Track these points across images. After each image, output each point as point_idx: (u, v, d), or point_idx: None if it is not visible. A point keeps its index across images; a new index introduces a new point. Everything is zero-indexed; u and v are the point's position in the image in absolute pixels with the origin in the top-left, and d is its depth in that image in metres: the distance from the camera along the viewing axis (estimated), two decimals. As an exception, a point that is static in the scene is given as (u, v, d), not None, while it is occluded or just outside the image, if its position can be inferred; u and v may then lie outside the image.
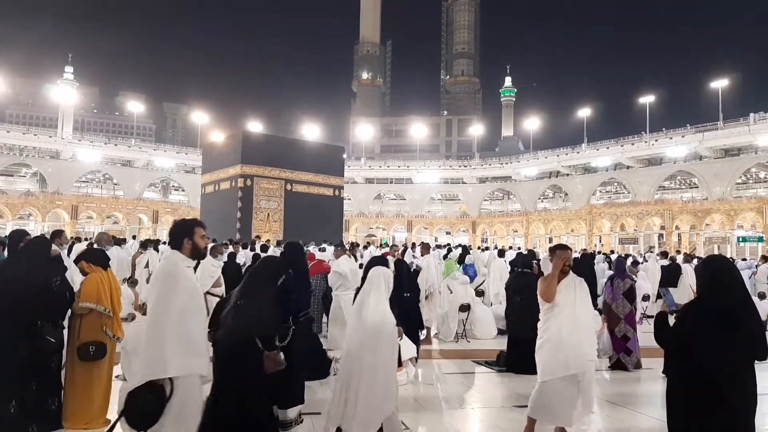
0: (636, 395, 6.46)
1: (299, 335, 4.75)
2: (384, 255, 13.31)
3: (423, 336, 8.97)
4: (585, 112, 59.18)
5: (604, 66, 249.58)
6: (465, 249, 18.77)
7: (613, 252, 22.59)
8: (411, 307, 7.36)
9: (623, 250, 42.09)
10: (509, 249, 23.66)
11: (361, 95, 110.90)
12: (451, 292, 9.87)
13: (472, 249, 21.21)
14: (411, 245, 22.45)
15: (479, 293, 11.35)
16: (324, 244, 16.39)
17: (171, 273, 3.11)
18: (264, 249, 14.67)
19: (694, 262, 13.25)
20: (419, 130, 70.43)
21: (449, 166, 67.27)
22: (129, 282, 9.34)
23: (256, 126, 61.78)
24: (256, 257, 11.32)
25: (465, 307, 9.52)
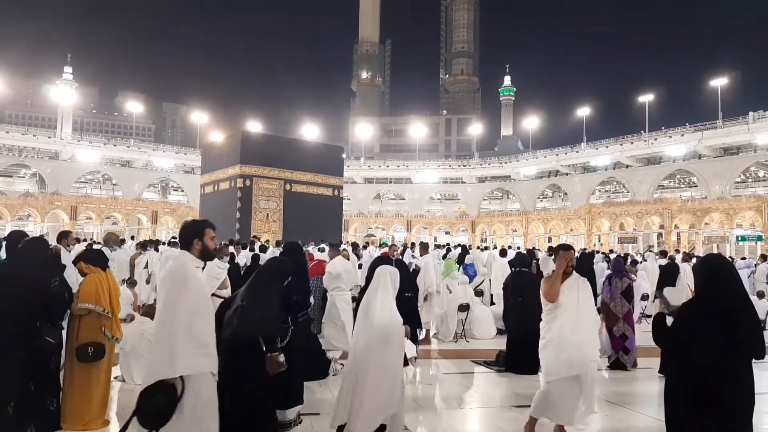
0: (634, 394, 6.47)
1: (298, 336, 4.75)
2: (383, 255, 13.33)
3: (422, 336, 8.98)
4: (584, 111, 59.20)
5: (603, 65, 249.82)
6: (464, 249, 18.78)
7: (612, 251, 22.58)
8: (411, 307, 7.37)
9: (622, 249, 42.12)
10: (509, 248, 23.64)
11: (361, 95, 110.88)
12: (450, 292, 9.88)
13: (471, 249, 21.21)
14: (410, 245, 22.44)
15: (478, 293, 11.35)
16: (323, 244, 16.36)
17: (181, 274, 3.12)
18: (263, 249, 14.65)
19: (693, 261, 13.26)
20: (418, 129, 70.42)
21: (448, 165, 67.30)
22: (128, 283, 9.34)
23: (255, 126, 61.75)
24: (255, 258, 11.33)
25: (464, 307, 9.53)
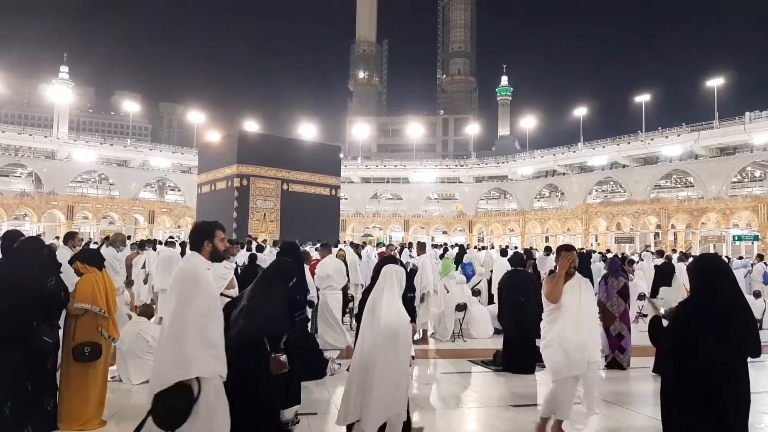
0: (630, 394, 6.48)
1: (296, 335, 4.75)
2: (381, 254, 13.34)
3: (419, 336, 8.98)
4: (581, 111, 59.26)
5: (600, 65, 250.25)
6: (462, 248, 18.82)
7: (609, 251, 22.62)
8: (409, 307, 7.36)
9: (619, 249, 42.21)
10: (507, 248, 23.65)
11: (358, 94, 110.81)
12: (448, 291, 9.88)
13: (469, 248, 21.23)
14: (408, 245, 22.44)
15: (476, 293, 11.36)
16: (319, 244, 16.34)
17: (192, 276, 3.12)
18: (260, 249, 14.65)
19: (689, 260, 13.29)
20: (416, 129, 70.44)
21: (446, 165, 67.32)
22: (125, 283, 9.32)
23: (252, 125, 61.80)
24: (252, 257, 11.31)
25: (461, 307, 9.53)
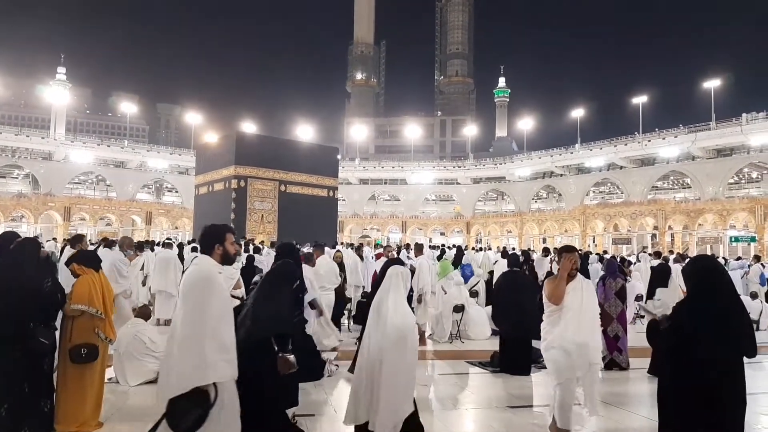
0: (626, 394, 6.49)
1: (294, 336, 4.75)
2: (378, 255, 13.35)
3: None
4: (578, 112, 59.41)
5: (597, 66, 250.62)
6: (460, 249, 18.84)
7: (606, 252, 22.65)
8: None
9: (616, 250, 42.28)
10: (506, 249, 23.66)
11: (355, 96, 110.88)
12: (446, 292, 9.88)
13: (467, 249, 21.26)
14: (405, 246, 22.45)
15: (473, 294, 11.37)
16: (313, 244, 16.33)
17: (207, 280, 3.11)
18: (257, 251, 14.65)
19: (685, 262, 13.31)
20: (413, 130, 70.50)
21: (443, 166, 67.38)
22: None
23: (249, 127, 61.77)
24: (250, 258, 11.33)
25: (459, 308, 9.53)
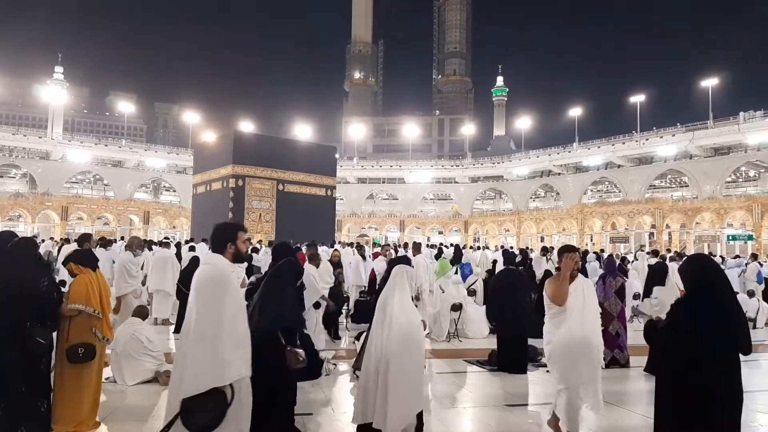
0: (623, 392, 6.49)
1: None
2: (375, 255, 13.35)
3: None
4: (576, 111, 59.45)
5: (595, 66, 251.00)
6: (458, 248, 18.85)
7: (603, 251, 22.67)
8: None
9: (614, 249, 42.33)
10: (503, 247, 23.65)
11: (353, 95, 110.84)
12: (443, 291, 9.88)
13: (464, 248, 21.27)
14: (403, 245, 22.46)
15: (471, 293, 11.37)
16: (307, 244, 16.32)
17: (221, 279, 3.11)
18: (255, 250, 14.65)
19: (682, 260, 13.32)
20: (411, 129, 70.48)
21: (441, 165, 67.37)
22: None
23: (247, 126, 61.69)
24: (248, 258, 11.32)
25: (457, 307, 9.53)
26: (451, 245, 23.04)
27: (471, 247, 28.17)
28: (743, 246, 38.78)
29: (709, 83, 48.61)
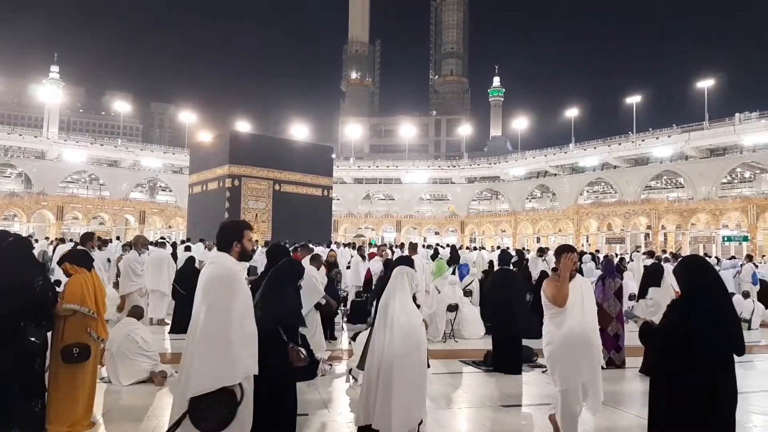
0: (620, 393, 6.50)
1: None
2: (371, 255, 13.35)
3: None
4: (572, 112, 59.56)
5: (591, 66, 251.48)
6: (454, 249, 18.85)
7: (598, 251, 22.73)
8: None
9: (610, 249, 42.44)
10: (500, 248, 23.67)
11: (350, 95, 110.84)
12: (439, 292, 9.89)
13: (461, 249, 21.29)
14: (399, 245, 22.48)
15: (467, 293, 11.38)
16: (311, 244, 16.35)
17: (229, 278, 3.11)
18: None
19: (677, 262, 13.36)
20: (408, 130, 70.49)
21: (438, 166, 67.42)
22: (114, 284, 9.28)
23: (244, 126, 61.63)
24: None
25: (453, 307, 9.55)
26: (447, 246, 23.05)
27: (467, 248, 28.21)
28: (738, 247, 38.94)
29: (705, 84, 48.82)
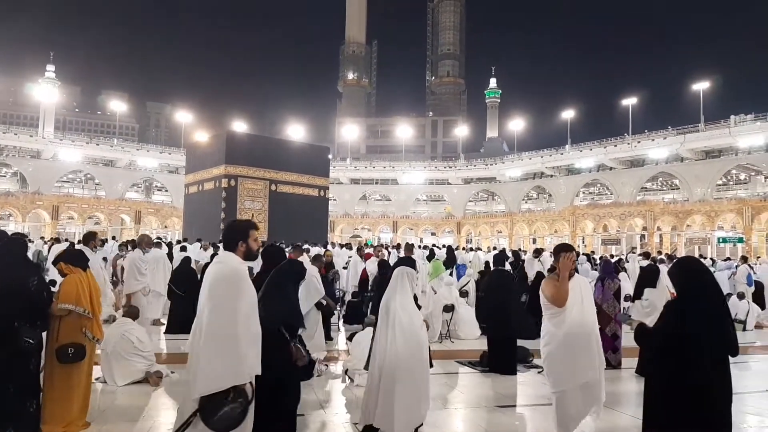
0: (615, 394, 6.50)
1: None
2: (367, 256, 13.36)
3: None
4: (569, 113, 59.66)
5: (587, 68, 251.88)
6: (450, 249, 18.87)
7: (593, 252, 22.78)
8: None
9: (605, 251, 42.52)
10: (503, 250, 23.68)
11: (347, 96, 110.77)
12: (435, 292, 9.90)
13: (457, 250, 21.30)
14: (396, 246, 22.48)
15: (463, 294, 11.40)
16: (307, 245, 16.36)
17: (235, 278, 3.13)
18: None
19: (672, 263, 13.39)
20: (405, 130, 70.51)
21: (434, 167, 67.43)
22: (110, 283, 9.26)
23: (240, 126, 61.56)
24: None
25: (449, 308, 9.56)
26: (443, 246, 23.06)
27: (464, 249, 28.23)
28: (733, 249, 39.07)
29: (701, 87, 48.93)
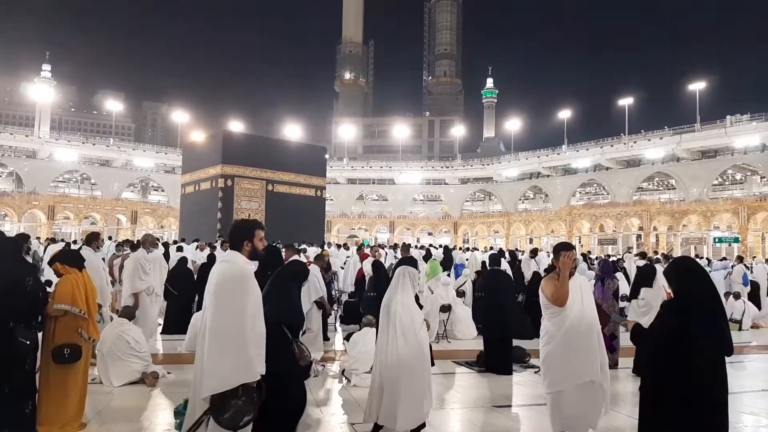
0: (615, 394, 6.47)
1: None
2: (363, 256, 13.35)
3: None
4: (565, 113, 59.88)
5: (584, 69, 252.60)
6: (447, 249, 18.86)
7: (590, 252, 22.82)
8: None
9: (602, 250, 42.62)
10: (501, 251, 23.67)
11: (344, 95, 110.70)
12: (432, 292, 9.91)
13: (454, 250, 21.28)
14: (392, 246, 22.48)
15: (460, 294, 11.40)
16: (304, 245, 16.34)
17: (241, 278, 3.13)
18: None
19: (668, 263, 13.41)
20: (401, 130, 70.55)
21: (431, 167, 67.50)
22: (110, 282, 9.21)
23: (237, 126, 61.49)
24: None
25: (446, 308, 9.56)
26: (440, 246, 23.06)
27: (460, 249, 28.23)
28: (729, 248, 39.20)
29: (697, 87, 49.14)
